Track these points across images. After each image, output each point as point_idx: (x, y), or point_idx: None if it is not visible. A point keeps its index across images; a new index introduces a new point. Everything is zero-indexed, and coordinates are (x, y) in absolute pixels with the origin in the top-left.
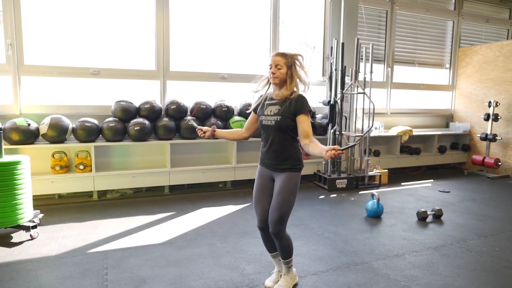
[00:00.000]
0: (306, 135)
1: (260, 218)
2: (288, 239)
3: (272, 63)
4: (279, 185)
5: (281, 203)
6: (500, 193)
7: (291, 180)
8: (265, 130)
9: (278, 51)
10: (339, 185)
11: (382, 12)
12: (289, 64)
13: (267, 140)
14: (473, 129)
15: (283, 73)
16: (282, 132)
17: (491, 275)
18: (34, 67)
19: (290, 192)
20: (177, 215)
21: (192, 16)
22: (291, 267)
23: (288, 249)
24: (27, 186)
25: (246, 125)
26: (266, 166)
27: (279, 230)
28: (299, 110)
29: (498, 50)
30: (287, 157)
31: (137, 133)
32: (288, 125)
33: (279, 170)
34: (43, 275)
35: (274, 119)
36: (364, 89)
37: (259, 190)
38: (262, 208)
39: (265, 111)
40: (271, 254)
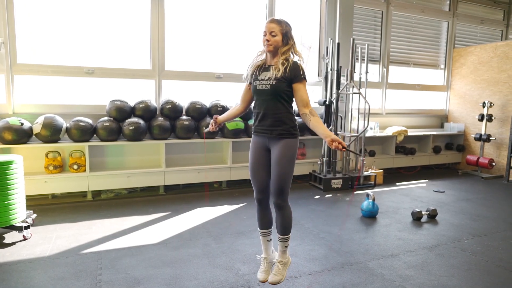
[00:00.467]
0: (305, 103)
1: (258, 189)
2: (290, 211)
3: (267, 30)
4: (276, 155)
5: (281, 173)
6: (494, 193)
7: (288, 148)
8: (259, 95)
9: (273, 17)
10: (334, 185)
11: (377, 12)
12: (284, 32)
13: (261, 106)
14: (468, 129)
15: (278, 40)
16: (277, 96)
17: (485, 274)
18: (28, 66)
19: (288, 161)
20: (172, 215)
21: (188, 15)
22: (287, 249)
23: (289, 222)
24: (20, 186)
25: (241, 98)
26: (261, 133)
27: (282, 199)
28: (295, 77)
29: (492, 51)
30: (282, 123)
31: (132, 132)
32: (283, 89)
33: (275, 135)
34: (36, 276)
35: (269, 83)
36: (359, 89)
37: (255, 163)
38: (260, 180)
39: (259, 77)
40: (263, 231)
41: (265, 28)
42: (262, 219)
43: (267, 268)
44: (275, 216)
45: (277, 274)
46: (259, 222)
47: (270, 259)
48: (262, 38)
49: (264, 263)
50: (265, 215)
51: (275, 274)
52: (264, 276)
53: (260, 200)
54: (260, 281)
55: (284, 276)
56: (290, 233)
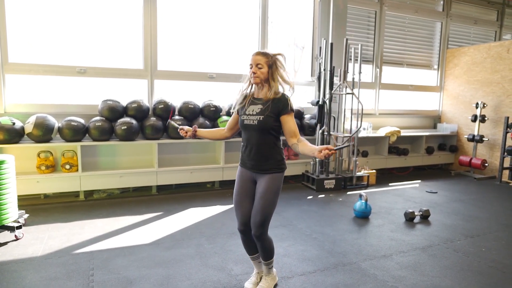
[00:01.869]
0: (293, 134)
1: (241, 221)
2: (270, 241)
3: (253, 63)
4: (262, 187)
5: (264, 205)
6: (486, 194)
7: (274, 182)
8: (246, 130)
9: (259, 50)
10: (327, 185)
11: (371, 12)
12: (270, 63)
13: (248, 140)
14: (461, 130)
15: (264, 72)
16: (264, 132)
17: (477, 275)
18: (19, 65)
19: (273, 194)
20: (164, 215)
21: (180, 15)
22: (272, 268)
23: (270, 250)
24: (11, 186)
25: (228, 125)
26: (247, 167)
27: (262, 232)
28: (283, 110)
29: (486, 52)
30: (269, 158)
31: (124, 132)
32: (271, 125)
33: (261, 171)
34: (28, 276)
35: (256, 118)
36: (352, 90)
37: (240, 193)
38: (244, 211)
39: (247, 111)
40: (251, 256)
41: (251, 61)
42: (249, 247)
43: (257, 281)
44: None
45: (263, 286)
46: (246, 250)
47: (262, 274)
48: (249, 71)
49: (256, 276)
50: (251, 243)
51: (262, 286)
52: (252, 287)
53: (243, 231)
54: None
55: None
56: (273, 257)
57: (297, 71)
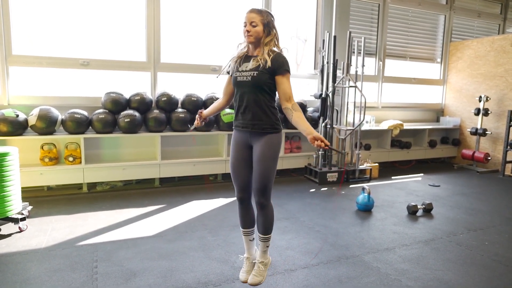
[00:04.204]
0: (287, 97)
1: (239, 188)
2: (272, 210)
3: (247, 21)
4: (258, 152)
5: (264, 171)
6: (489, 187)
7: (271, 144)
8: (240, 87)
9: (254, 7)
10: (329, 178)
11: (374, 5)
12: (265, 22)
13: (242, 98)
14: (464, 123)
15: (259, 31)
16: (258, 89)
17: (480, 268)
18: (23, 57)
19: (271, 158)
20: (167, 207)
21: (184, 7)
22: (268, 249)
23: (270, 221)
24: (15, 178)
25: (223, 90)
26: (242, 128)
27: (265, 199)
28: (278, 69)
29: (489, 45)
30: (264, 116)
31: (127, 125)
32: (265, 81)
33: (256, 130)
34: (32, 268)
35: (250, 74)
36: (355, 83)
37: (237, 161)
38: (242, 179)
39: (240, 68)
40: (246, 230)
41: (245, 19)
42: (244, 218)
43: (250, 268)
44: (257, 215)
45: (257, 275)
46: (241, 221)
47: (252, 259)
48: (243, 29)
49: (246, 263)
50: (247, 213)
51: (255, 275)
52: (246, 276)
53: (241, 199)
54: (242, 281)
55: (264, 278)
56: (271, 232)
57: (299, 64)
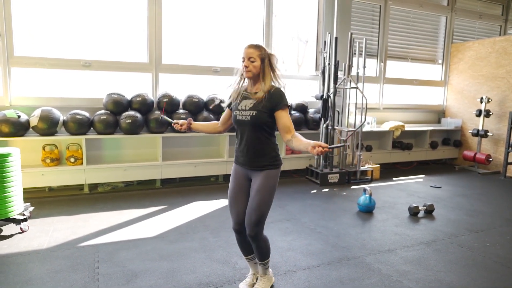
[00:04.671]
0: (287, 129)
1: (236, 221)
2: (265, 241)
3: (245, 56)
4: (257, 185)
5: (259, 204)
6: (490, 188)
7: (269, 179)
8: (239, 125)
9: (251, 43)
10: (331, 179)
11: (375, 6)
12: (263, 57)
13: (242, 136)
14: (465, 125)
15: (257, 66)
16: (257, 127)
17: (482, 270)
18: (25, 59)
19: (268, 192)
20: (168, 208)
21: (185, 8)
22: (268, 268)
23: (265, 251)
24: (17, 178)
25: (222, 120)
26: (242, 164)
27: (257, 232)
28: (277, 105)
29: (490, 46)
30: (264, 154)
31: (129, 126)
32: (264, 121)
33: (256, 168)
34: (33, 269)
35: (249, 114)
36: (357, 84)
37: (235, 191)
38: (238, 209)
39: (240, 106)
40: (247, 257)
41: (243, 54)
42: (244, 248)
43: (252, 282)
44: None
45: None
46: (241, 250)
47: (257, 275)
48: (241, 65)
49: (251, 277)
50: (245, 243)
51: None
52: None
53: (238, 231)
54: None
55: None
56: (269, 257)
57: (300, 65)
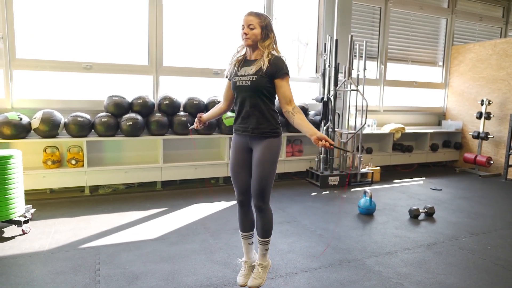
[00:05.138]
0: (288, 100)
1: (239, 190)
2: (271, 214)
3: (245, 23)
4: (258, 155)
5: (263, 175)
6: (491, 191)
7: (270, 148)
8: (239, 92)
9: (251, 10)
10: (331, 182)
11: (376, 9)
12: (263, 24)
13: (242, 103)
14: (466, 127)
15: (257, 33)
16: (258, 93)
17: (483, 273)
18: (26, 61)
19: (271, 162)
20: (169, 210)
21: (185, 11)
22: (267, 252)
23: (269, 225)
24: (19, 180)
25: (223, 95)
26: (242, 132)
27: (263, 202)
28: (277, 73)
29: (491, 49)
30: (264, 120)
31: (130, 128)
32: (264, 85)
33: (256, 134)
34: (35, 270)
35: (249, 79)
36: (357, 86)
37: (237, 164)
38: (241, 182)
39: (239, 72)
40: (245, 233)
41: (243, 21)
42: (244, 221)
43: (248, 272)
44: (256, 219)
45: (256, 278)
46: (240, 224)
47: (251, 263)
48: (240, 32)
49: (244, 266)
50: (247, 217)
51: (255, 278)
52: (244, 280)
53: (241, 202)
54: (240, 285)
55: (264, 280)
56: (271, 236)
57: (301, 68)
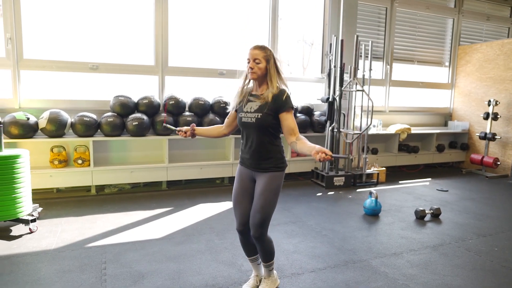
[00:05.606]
0: (292, 132)
1: (240, 221)
2: (270, 242)
3: (250, 57)
4: (261, 186)
5: (264, 205)
6: (498, 192)
7: (273, 181)
8: (245, 128)
9: (257, 44)
10: (336, 182)
11: (381, 9)
12: (268, 59)
13: (247, 138)
14: (472, 128)
15: (262, 68)
16: (263, 130)
17: (489, 275)
18: (34, 61)
19: (273, 193)
20: (174, 210)
21: (191, 11)
22: (272, 270)
23: (270, 252)
24: (26, 179)
25: (226, 122)
26: (247, 166)
27: (261, 233)
28: (282, 107)
29: (498, 49)
30: (269, 156)
31: (136, 128)
32: (270, 123)
33: (261, 169)
34: (42, 269)
35: (254, 116)
36: (362, 87)
37: (239, 192)
38: (243, 210)
39: (245, 108)
40: (250, 258)
41: (249, 55)
42: (247, 248)
43: (255, 284)
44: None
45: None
46: (244, 251)
47: (260, 277)
48: (246, 66)
49: (254, 279)
50: (249, 243)
51: None
52: None
53: (242, 231)
54: None
55: None
56: (273, 259)
57: (306, 68)
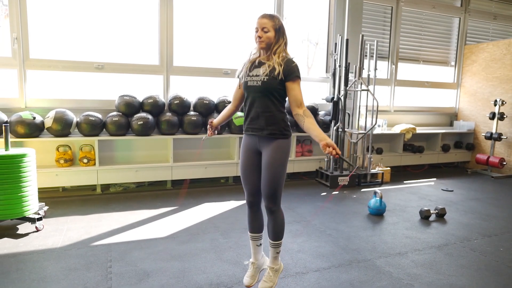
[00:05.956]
0: (298, 103)
1: (249, 192)
2: (282, 216)
3: (258, 26)
4: (267, 158)
5: (273, 177)
6: (504, 192)
7: (280, 151)
8: (250, 92)
9: (265, 12)
10: (341, 182)
11: (387, 8)
12: (277, 27)
13: (252, 103)
14: (478, 128)
15: (270, 36)
16: (268, 94)
17: (495, 275)
18: (39, 61)
19: (280, 164)
20: (179, 209)
21: (196, 11)
22: (278, 255)
23: (280, 227)
24: (32, 178)
25: (233, 96)
26: (251, 132)
27: (274, 204)
28: (289, 75)
29: (505, 48)
30: (274, 121)
31: (141, 127)
32: (275, 87)
33: (265, 136)
34: (48, 267)
35: (260, 79)
36: (367, 86)
37: (246, 166)
38: (251, 184)
39: (251, 73)
40: (254, 234)
41: (257, 24)
42: (253, 223)
43: (254, 273)
44: (267, 221)
45: (267, 281)
46: (249, 225)
47: (258, 265)
48: (254, 35)
49: (251, 268)
50: (256, 218)
51: (265, 281)
52: (250, 281)
53: (251, 203)
54: (246, 286)
55: (275, 283)
56: (282, 238)
57: (310, 67)
